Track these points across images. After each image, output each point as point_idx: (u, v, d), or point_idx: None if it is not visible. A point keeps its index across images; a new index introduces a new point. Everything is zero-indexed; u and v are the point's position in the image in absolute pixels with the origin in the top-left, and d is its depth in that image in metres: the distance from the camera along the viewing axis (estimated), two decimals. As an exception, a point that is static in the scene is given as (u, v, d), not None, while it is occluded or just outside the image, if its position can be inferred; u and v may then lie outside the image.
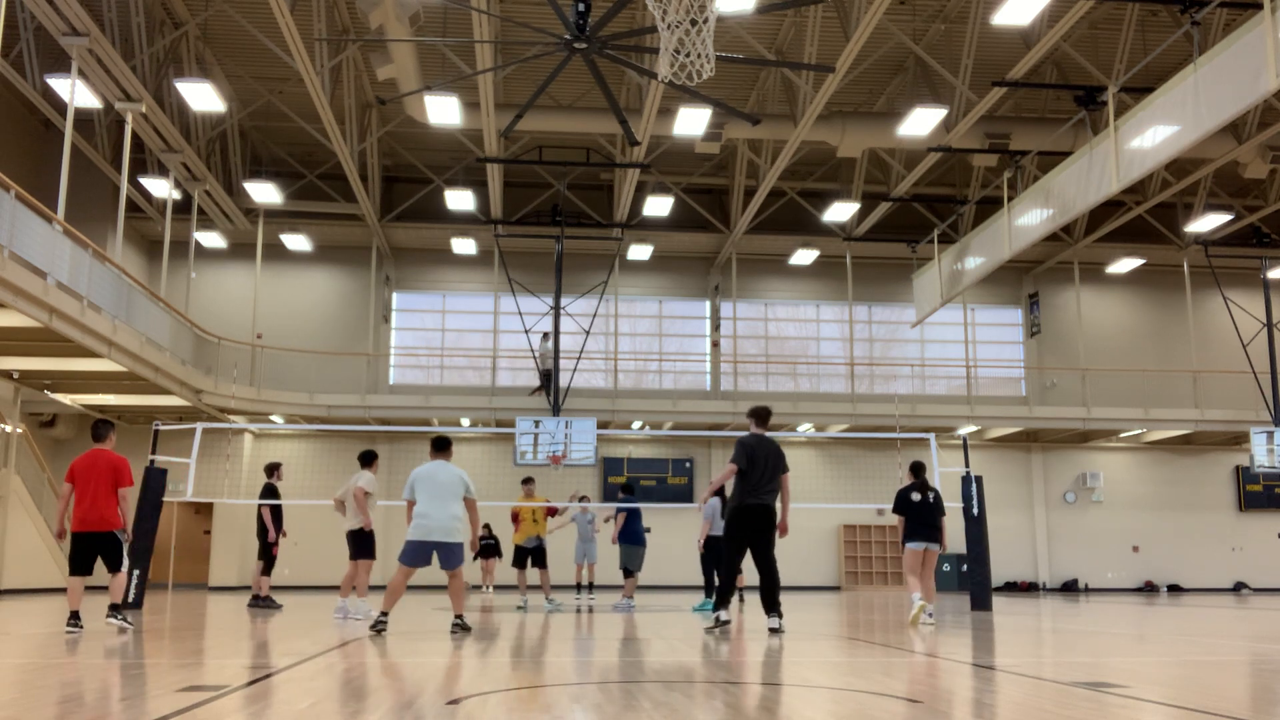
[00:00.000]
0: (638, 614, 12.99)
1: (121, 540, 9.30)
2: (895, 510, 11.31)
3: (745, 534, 9.56)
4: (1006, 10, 15.00)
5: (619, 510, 15.17)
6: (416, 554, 8.86)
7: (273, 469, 14.83)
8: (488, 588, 20.10)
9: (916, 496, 11.21)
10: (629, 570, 14.96)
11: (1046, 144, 19.69)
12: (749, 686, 5.46)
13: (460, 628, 8.98)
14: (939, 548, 11.19)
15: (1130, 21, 18.65)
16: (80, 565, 9.26)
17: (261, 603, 14.23)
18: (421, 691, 5.11)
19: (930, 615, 11.05)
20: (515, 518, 15.16)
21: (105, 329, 16.22)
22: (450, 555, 8.88)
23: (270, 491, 14.53)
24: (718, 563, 14.36)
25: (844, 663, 6.86)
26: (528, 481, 15.36)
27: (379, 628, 8.87)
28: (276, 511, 14.55)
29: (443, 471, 9.03)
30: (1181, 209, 25.68)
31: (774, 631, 9.13)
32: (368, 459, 12.12)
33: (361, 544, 11.93)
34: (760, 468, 9.52)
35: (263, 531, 14.49)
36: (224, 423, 22.17)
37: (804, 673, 6.16)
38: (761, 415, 9.96)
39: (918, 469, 11.48)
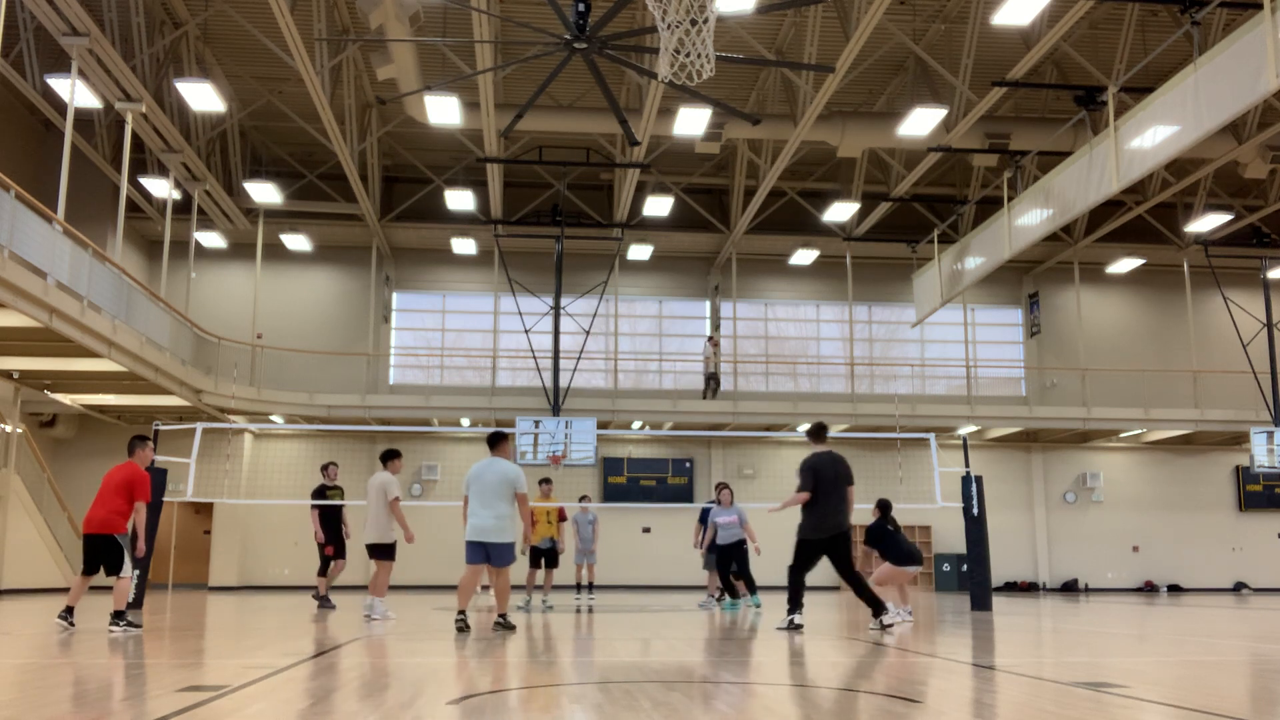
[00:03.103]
0: (638, 614, 12.98)
1: (122, 545, 9.43)
2: (871, 543, 12.01)
3: (818, 556, 9.65)
4: (1006, 10, 15.00)
5: (711, 520, 14.74)
6: (473, 552, 9.18)
7: (324, 468, 14.73)
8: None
9: (890, 528, 12.00)
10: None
11: (1046, 144, 19.69)
12: (749, 686, 5.46)
13: (503, 626, 9.12)
14: (918, 566, 12.06)
15: (1130, 21, 18.65)
16: (88, 565, 9.53)
17: (322, 602, 14.17)
18: (421, 691, 5.11)
19: (909, 613, 11.49)
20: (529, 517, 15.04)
21: (105, 329, 16.22)
22: (498, 554, 9.13)
23: (320, 492, 14.43)
24: (725, 565, 14.49)
25: (844, 663, 6.86)
26: (545, 482, 15.34)
27: (461, 625, 9.05)
28: (325, 512, 14.36)
29: (490, 471, 9.18)
30: (1181, 209, 25.67)
31: (886, 627, 9.49)
32: (390, 456, 11.97)
33: (389, 547, 11.91)
34: (829, 488, 9.53)
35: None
36: (224, 423, 22.17)
37: (804, 673, 6.16)
38: (818, 432, 9.95)
39: (886, 506, 12.23)
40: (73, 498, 21.92)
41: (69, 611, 9.37)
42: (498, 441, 9.41)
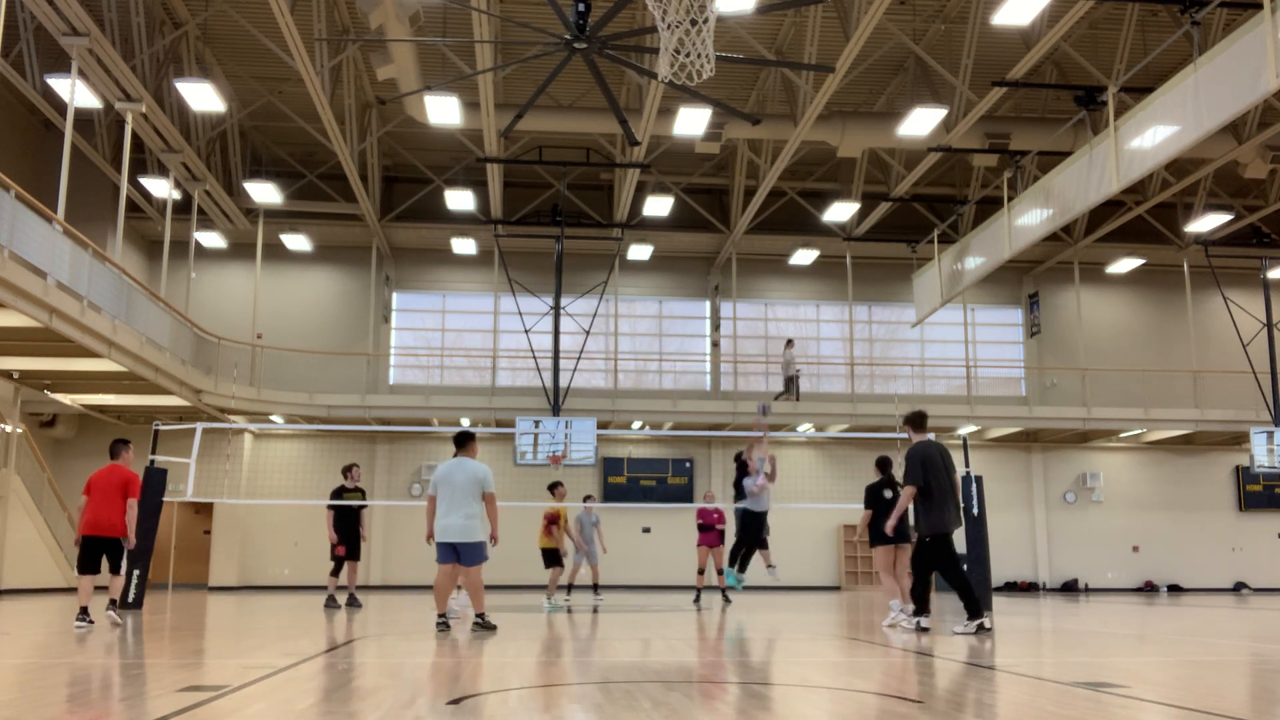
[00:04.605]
0: (637, 614, 12.97)
1: (122, 545, 10.02)
2: (868, 505, 10.88)
3: (950, 550, 9.28)
4: (1006, 10, 14.99)
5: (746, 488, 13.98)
6: (443, 553, 9.18)
7: (346, 470, 14.74)
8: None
9: (889, 494, 10.82)
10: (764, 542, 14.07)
11: (1046, 144, 19.68)
12: (749, 686, 5.46)
13: (482, 626, 9.10)
14: (908, 544, 10.79)
15: (1130, 21, 18.65)
16: (89, 565, 9.92)
17: (329, 602, 14.13)
18: (421, 691, 5.11)
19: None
20: (555, 520, 14.89)
21: (105, 329, 16.22)
22: (467, 553, 9.08)
23: (338, 493, 14.42)
24: (743, 534, 13.80)
25: (844, 663, 6.86)
26: (559, 485, 15.22)
27: (441, 627, 9.14)
28: (341, 513, 14.35)
29: (459, 472, 9.14)
30: (1181, 209, 25.66)
31: (984, 630, 9.13)
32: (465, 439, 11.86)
33: None
34: (943, 478, 9.17)
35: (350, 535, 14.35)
36: (224, 423, 22.17)
37: (804, 673, 6.16)
38: (920, 420, 9.57)
39: (885, 464, 11.12)
40: (73, 498, 21.88)
41: (84, 612, 9.64)
42: (465, 441, 9.35)
